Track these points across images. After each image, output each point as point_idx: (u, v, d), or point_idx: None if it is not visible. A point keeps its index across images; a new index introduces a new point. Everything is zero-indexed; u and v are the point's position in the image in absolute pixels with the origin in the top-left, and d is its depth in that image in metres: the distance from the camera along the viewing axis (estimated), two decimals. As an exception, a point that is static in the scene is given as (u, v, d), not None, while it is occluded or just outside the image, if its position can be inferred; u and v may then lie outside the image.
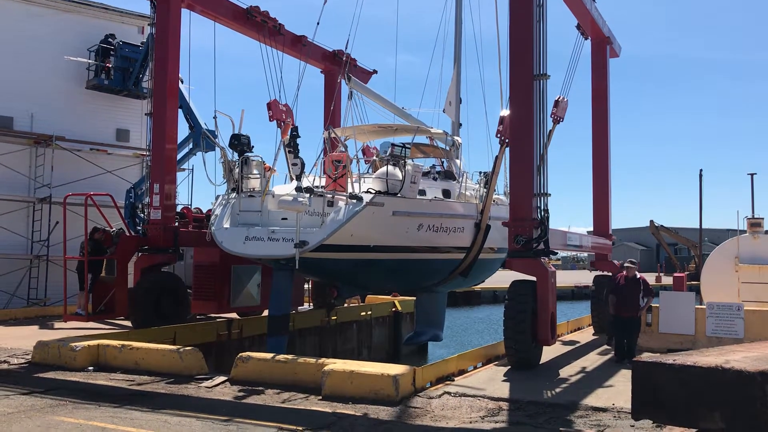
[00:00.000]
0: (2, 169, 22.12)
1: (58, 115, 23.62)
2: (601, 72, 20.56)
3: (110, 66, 24.06)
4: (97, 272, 17.99)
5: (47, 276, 22.54)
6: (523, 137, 13.19)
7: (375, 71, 25.39)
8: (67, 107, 24.00)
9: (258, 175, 15.06)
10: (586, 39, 19.09)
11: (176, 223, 18.14)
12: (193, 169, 23.63)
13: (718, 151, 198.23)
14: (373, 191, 14.04)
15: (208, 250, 16.84)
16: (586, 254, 21.04)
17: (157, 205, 17.28)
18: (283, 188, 15.14)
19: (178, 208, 19.87)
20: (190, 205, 21.96)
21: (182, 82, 19.64)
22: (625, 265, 14.04)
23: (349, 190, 13.62)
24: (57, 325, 18.04)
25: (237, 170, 14.75)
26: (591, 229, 20.89)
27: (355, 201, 13.37)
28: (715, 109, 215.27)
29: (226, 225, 14.27)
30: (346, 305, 20.67)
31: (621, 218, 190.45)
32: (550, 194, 13.53)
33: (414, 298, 20.33)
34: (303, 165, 14.07)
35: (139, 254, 17.68)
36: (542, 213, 13.27)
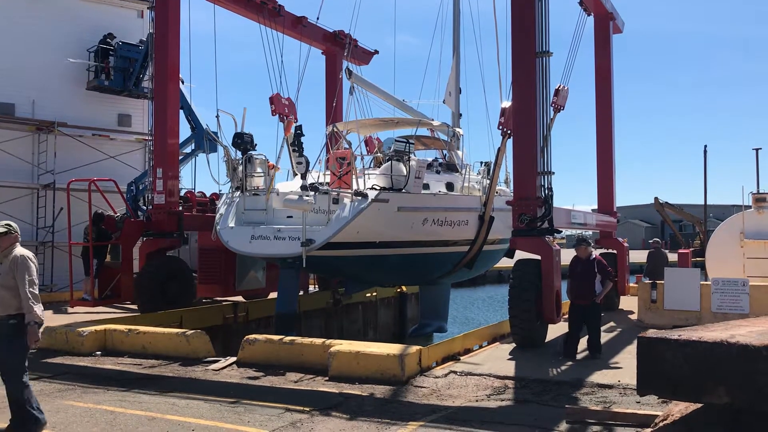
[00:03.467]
0: (5, 156, 22.11)
1: (60, 100, 23.54)
2: (605, 48, 20.41)
3: (110, 66, 23.93)
4: (102, 257, 18.05)
5: (53, 262, 22.61)
6: (526, 115, 13.11)
7: (376, 51, 25.28)
8: (68, 92, 23.93)
9: (262, 173, 15.06)
10: (588, 15, 18.91)
11: (180, 208, 18.16)
12: (196, 154, 23.59)
13: (722, 127, 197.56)
14: (378, 187, 14.03)
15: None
16: (591, 232, 20.99)
17: (160, 190, 17.29)
18: (287, 185, 15.13)
19: (182, 192, 19.88)
20: (194, 189, 21.97)
21: (183, 82, 19.56)
22: (575, 245, 12.48)
23: (354, 186, 13.59)
24: (69, 310, 18.11)
25: (241, 169, 14.76)
26: (596, 206, 20.85)
27: (360, 198, 13.37)
28: (719, 84, 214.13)
29: (231, 224, 14.30)
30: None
31: (625, 195, 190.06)
32: (553, 173, 13.49)
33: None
34: (308, 163, 14.08)
35: (144, 239, 17.73)
36: (546, 191, 13.23)
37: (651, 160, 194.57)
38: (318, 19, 20.90)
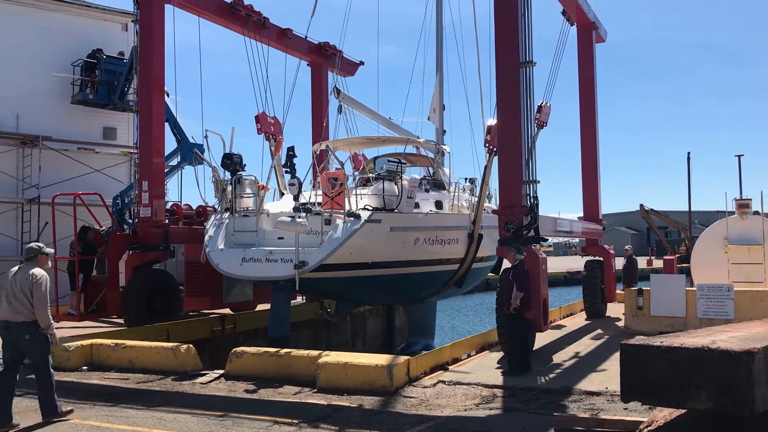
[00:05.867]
0: (-11, 171, 21.98)
1: (45, 114, 23.43)
2: (588, 57, 20.57)
3: (95, 80, 23.86)
4: (88, 272, 17.92)
5: (38, 277, 22.42)
6: (510, 125, 13.19)
7: (362, 63, 25.35)
8: (53, 107, 23.84)
9: (251, 194, 15.02)
10: (571, 25, 19.08)
11: (166, 221, 18.09)
12: (182, 166, 23.54)
13: (705, 134, 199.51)
14: (370, 208, 14.03)
15: (199, 246, 16.81)
16: (577, 240, 21.14)
17: (146, 203, 17.22)
18: (276, 205, 15.11)
19: (168, 205, 19.81)
20: (180, 201, 21.90)
21: (168, 95, 19.55)
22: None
23: (347, 207, 13.57)
24: (55, 325, 17.93)
25: (230, 189, 14.70)
26: (581, 214, 20.98)
27: (353, 219, 13.34)
28: (701, 93, 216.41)
29: (221, 246, 14.22)
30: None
31: (611, 203, 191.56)
32: (539, 181, 13.57)
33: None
34: (300, 184, 14.06)
35: (130, 252, 17.63)
36: (532, 200, 13.31)
37: (636, 168, 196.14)
38: (307, 35, 20.98)
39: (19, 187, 22.84)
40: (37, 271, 8.70)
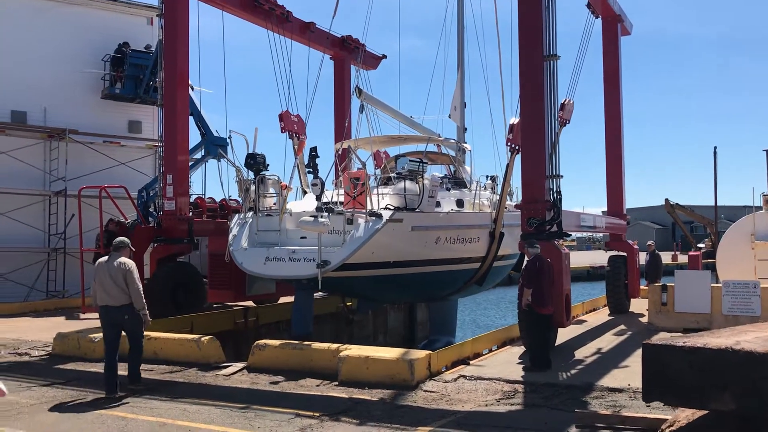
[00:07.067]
0: (18, 164, 22.33)
1: (71, 108, 23.76)
2: (613, 51, 20.34)
3: (122, 74, 24.12)
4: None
5: (65, 268, 22.79)
6: (534, 119, 13.11)
7: (384, 56, 25.33)
8: (79, 100, 24.15)
9: (274, 194, 15.16)
10: (596, 17, 18.89)
11: (190, 213, 18.25)
12: (206, 160, 23.73)
13: (732, 128, 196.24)
14: (392, 207, 14.07)
15: (223, 239, 16.96)
16: (601, 234, 20.97)
17: (170, 196, 17.39)
18: (299, 204, 15.21)
19: (192, 198, 19.99)
20: (204, 194, 22.09)
21: (192, 88, 19.68)
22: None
23: (368, 207, 13.63)
24: (81, 316, 18.21)
25: (253, 189, 14.85)
26: (605, 209, 20.80)
27: (374, 218, 13.40)
28: (729, 86, 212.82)
29: (245, 245, 14.38)
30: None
31: (636, 197, 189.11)
32: (562, 176, 13.47)
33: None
34: (323, 185, 14.14)
35: (155, 245, 17.82)
36: (555, 195, 13.22)
37: (661, 162, 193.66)
38: (330, 29, 20.99)
39: (47, 179, 23.20)
40: (129, 261, 9.85)
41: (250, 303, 18.84)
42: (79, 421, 8.42)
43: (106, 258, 10.00)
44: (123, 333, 9.98)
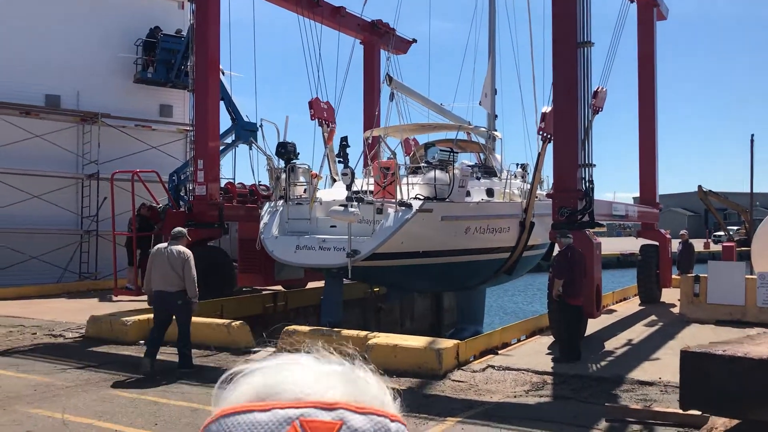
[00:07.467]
0: (51, 147, 22.64)
1: (104, 92, 23.98)
2: (648, 36, 19.97)
3: (154, 59, 24.28)
4: (145, 248, 18.36)
5: (97, 251, 23.13)
6: (567, 108, 12.93)
7: (414, 40, 25.17)
8: (112, 84, 24.37)
9: (305, 183, 15.21)
10: (632, 2, 18.50)
11: (221, 198, 18.39)
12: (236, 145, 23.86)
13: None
14: (422, 197, 14.03)
15: (253, 224, 17.08)
16: (632, 224, 20.68)
17: (201, 181, 17.53)
18: (329, 193, 15.23)
19: (222, 183, 20.12)
20: (234, 179, 22.21)
21: (223, 73, 19.72)
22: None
23: (398, 197, 13.61)
24: (114, 298, 18.49)
25: (284, 177, 14.93)
26: (637, 194, 20.50)
27: (404, 208, 13.38)
28: (765, 70, 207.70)
29: (276, 233, 14.48)
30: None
31: (668, 183, 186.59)
32: (594, 165, 13.30)
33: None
34: (353, 174, 14.14)
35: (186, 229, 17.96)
36: (587, 184, 13.06)
37: (695, 148, 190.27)
38: (362, 12, 20.92)
39: (79, 163, 23.50)
40: (187, 251, 10.43)
41: (279, 287, 18.96)
42: (113, 405, 8.55)
43: (165, 244, 10.56)
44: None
